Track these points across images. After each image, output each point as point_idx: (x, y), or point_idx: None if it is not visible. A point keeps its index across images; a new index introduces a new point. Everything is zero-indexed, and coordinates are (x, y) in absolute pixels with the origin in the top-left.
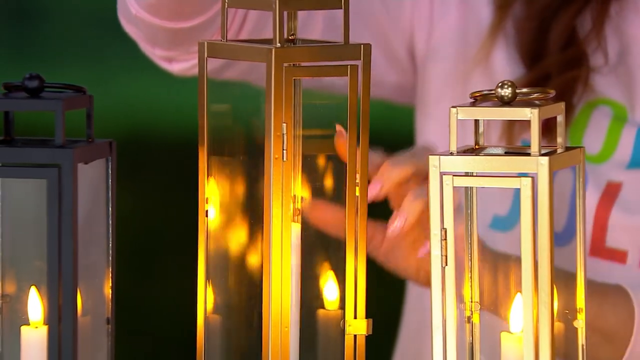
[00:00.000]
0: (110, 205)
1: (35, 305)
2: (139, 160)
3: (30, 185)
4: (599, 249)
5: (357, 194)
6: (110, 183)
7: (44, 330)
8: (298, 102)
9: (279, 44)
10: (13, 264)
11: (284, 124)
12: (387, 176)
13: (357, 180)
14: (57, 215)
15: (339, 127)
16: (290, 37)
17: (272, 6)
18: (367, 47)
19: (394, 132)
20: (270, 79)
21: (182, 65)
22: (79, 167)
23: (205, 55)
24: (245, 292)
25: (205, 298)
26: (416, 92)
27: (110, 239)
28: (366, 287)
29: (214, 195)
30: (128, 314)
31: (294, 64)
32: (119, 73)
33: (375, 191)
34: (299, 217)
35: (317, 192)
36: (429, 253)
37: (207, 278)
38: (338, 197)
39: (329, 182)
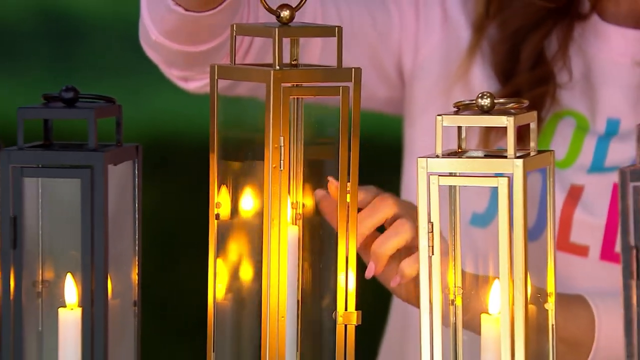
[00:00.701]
0: (136, 201)
1: (71, 289)
2: (162, 162)
3: (67, 184)
4: (564, 244)
5: (348, 200)
6: (136, 182)
7: (78, 311)
8: (300, 116)
9: (277, 67)
10: (51, 253)
11: (281, 137)
12: (380, 253)
13: (348, 189)
14: (90, 211)
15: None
16: (293, 62)
17: (272, 34)
18: (358, 70)
19: (384, 139)
20: (270, 97)
21: (197, 83)
22: (109, 168)
23: (216, 77)
24: (251, 284)
25: (215, 289)
26: (404, 104)
27: (137, 231)
28: (357, 281)
29: (224, 198)
30: (152, 297)
31: (295, 84)
32: (145, 87)
33: (371, 272)
34: (300, 221)
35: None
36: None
37: (216, 272)
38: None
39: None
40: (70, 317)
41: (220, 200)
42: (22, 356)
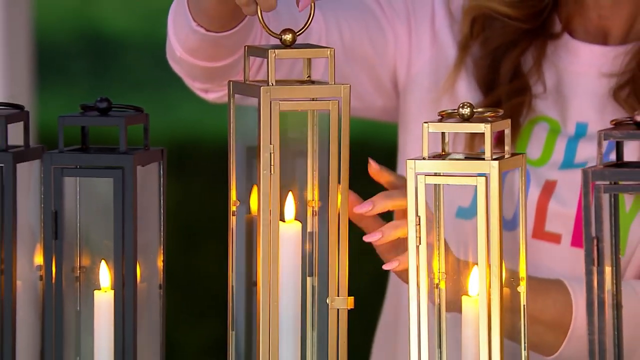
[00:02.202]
0: (161, 197)
1: (105, 274)
2: (185, 163)
3: (101, 183)
4: (539, 232)
5: (339, 200)
6: (161, 181)
7: (111, 293)
8: (316, 126)
9: (271, 83)
10: (87, 243)
11: (272, 145)
12: (379, 202)
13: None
14: (121, 206)
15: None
16: (307, 78)
17: (266, 55)
18: (347, 87)
19: (381, 144)
20: (260, 110)
21: (216, 94)
22: (137, 169)
23: (232, 91)
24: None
25: (232, 277)
26: (399, 113)
27: (162, 223)
28: (348, 267)
29: (254, 195)
30: (176, 281)
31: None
32: (169, 98)
33: (366, 207)
34: (316, 217)
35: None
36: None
37: (234, 261)
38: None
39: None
40: (104, 299)
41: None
42: (62, 332)
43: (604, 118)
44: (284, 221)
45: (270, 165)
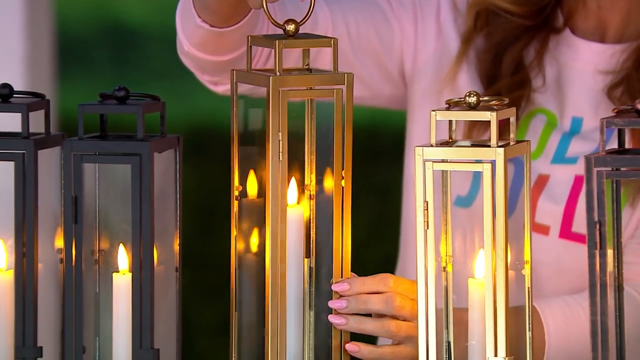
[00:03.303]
0: (177, 183)
1: (123, 257)
2: (199, 150)
3: (119, 169)
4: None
5: (343, 184)
6: (177, 167)
7: (129, 276)
8: (313, 113)
9: (278, 73)
10: (106, 227)
11: (279, 133)
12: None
13: (343, 174)
14: (138, 191)
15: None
16: (305, 67)
17: (274, 45)
18: (350, 75)
19: (389, 130)
20: (269, 99)
21: (225, 87)
22: (154, 155)
23: (235, 80)
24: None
25: (236, 255)
26: (407, 101)
27: (178, 208)
28: (356, 251)
29: (252, 181)
30: (191, 264)
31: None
32: (185, 86)
33: (344, 286)
34: (312, 201)
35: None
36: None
37: (236, 244)
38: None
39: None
40: (122, 281)
41: (246, 183)
42: (82, 313)
43: (598, 114)
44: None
45: (279, 152)
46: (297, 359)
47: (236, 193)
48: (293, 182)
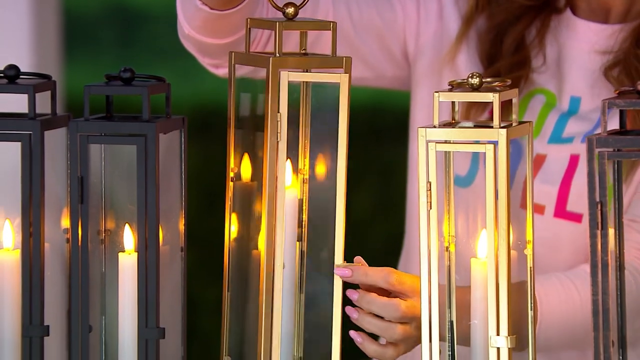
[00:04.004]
0: (182, 163)
1: (129, 237)
2: (204, 130)
3: (125, 150)
4: (525, 203)
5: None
6: (182, 147)
7: (134, 256)
8: (308, 96)
9: (277, 55)
10: (112, 207)
11: (279, 114)
12: (362, 275)
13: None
14: (144, 172)
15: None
16: (302, 50)
17: (274, 27)
18: (349, 59)
19: (394, 110)
20: (269, 79)
21: (226, 70)
22: (159, 136)
23: (233, 62)
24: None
25: (228, 240)
26: (410, 82)
27: (183, 188)
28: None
29: (246, 164)
30: (197, 244)
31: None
32: (190, 67)
33: (345, 273)
34: (306, 185)
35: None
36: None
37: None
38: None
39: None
40: (128, 261)
41: (241, 166)
42: (88, 292)
43: (594, 93)
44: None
45: (277, 133)
46: (288, 338)
47: (231, 174)
48: (288, 164)
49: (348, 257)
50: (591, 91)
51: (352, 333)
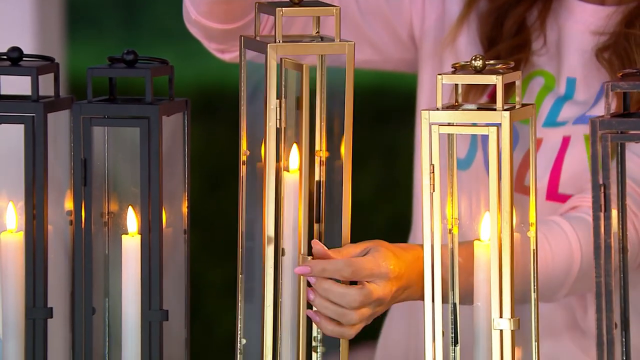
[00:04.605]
0: (186, 146)
1: (132, 219)
2: (208, 111)
3: (128, 132)
4: (520, 187)
5: (344, 148)
6: (186, 130)
7: (138, 238)
8: (323, 82)
9: (279, 40)
10: (116, 189)
11: (277, 100)
12: (320, 271)
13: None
14: (147, 154)
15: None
16: (316, 34)
17: (274, 13)
18: (351, 44)
19: (400, 92)
20: (267, 65)
21: (232, 55)
22: (163, 119)
23: (243, 46)
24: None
25: (241, 223)
26: (417, 64)
27: (186, 171)
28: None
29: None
30: (199, 225)
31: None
32: (194, 49)
33: (305, 270)
34: (323, 167)
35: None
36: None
37: (243, 208)
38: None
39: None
40: (131, 243)
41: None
42: (92, 275)
43: (587, 74)
44: (288, 171)
45: (277, 118)
46: (293, 320)
47: (244, 158)
48: (294, 148)
49: (353, 238)
50: (585, 69)
51: (309, 313)
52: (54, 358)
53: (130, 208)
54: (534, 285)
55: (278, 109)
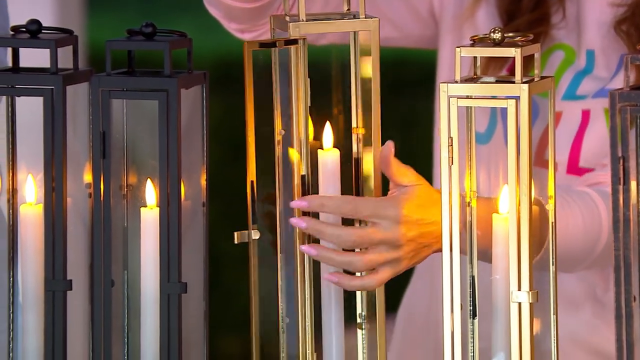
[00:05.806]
0: (204, 118)
1: (151, 192)
2: (226, 83)
3: (146, 105)
4: (540, 160)
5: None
6: (204, 103)
7: (156, 211)
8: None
9: (302, 19)
10: (134, 162)
11: (303, 80)
12: (319, 205)
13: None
14: (166, 127)
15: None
16: (347, 10)
17: None
18: (376, 20)
19: (419, 69)
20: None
21: (252, 34)
22: (181, 92)
23: (272, 25)
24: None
25: (279, 200)
26: (438, 40)
27: (205, 143)
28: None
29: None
30: (219, 198)
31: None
32: (213, 24)
33: (302, 204)
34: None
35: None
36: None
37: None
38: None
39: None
40: (150, 216)
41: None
42: (110, 247)
43: (606, 46)
44: (322, 149)
45: (304, 98)
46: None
47: (279, 137)
48: (328, 126)
49: None
50: (602, 41)
51: (326, 276)
52: (73, 330)
53: (148, 181)
54: (553, 259)
55: (303, 88)
